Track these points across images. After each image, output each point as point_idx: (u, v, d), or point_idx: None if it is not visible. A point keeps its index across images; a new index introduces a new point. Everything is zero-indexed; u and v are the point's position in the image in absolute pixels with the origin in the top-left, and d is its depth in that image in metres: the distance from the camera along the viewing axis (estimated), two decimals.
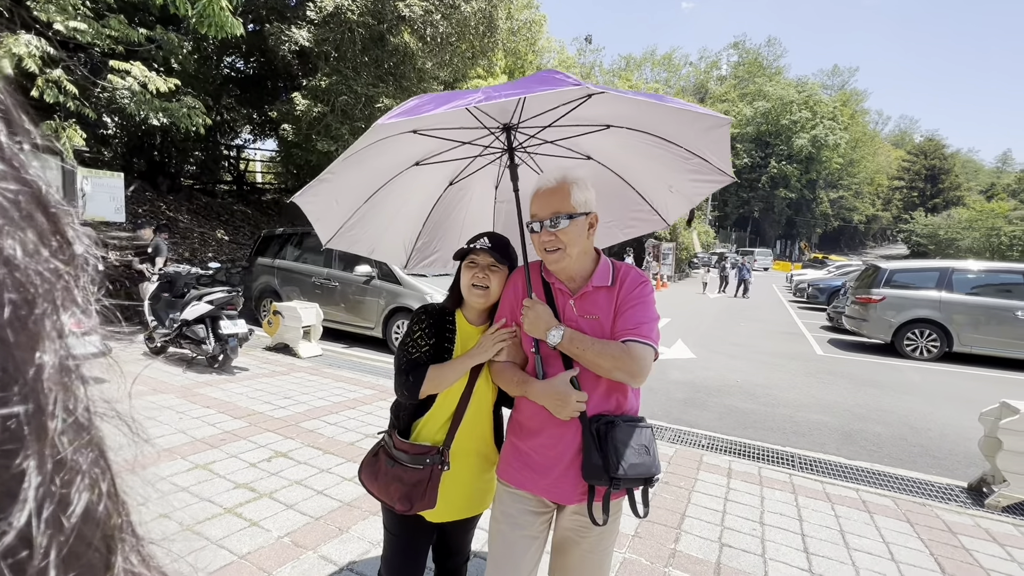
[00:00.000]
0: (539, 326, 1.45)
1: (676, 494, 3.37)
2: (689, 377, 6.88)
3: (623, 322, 1.44)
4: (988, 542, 3.00)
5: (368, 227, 1.96)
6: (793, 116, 53.02)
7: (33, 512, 0.13)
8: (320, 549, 2.53)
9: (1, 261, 0.14)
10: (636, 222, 2.09)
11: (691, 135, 1.66)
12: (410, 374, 1.54)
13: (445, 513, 1.62)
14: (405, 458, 1.56)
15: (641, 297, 1.48)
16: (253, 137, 16.86)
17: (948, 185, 61.69)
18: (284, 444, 3.80)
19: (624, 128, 1.70)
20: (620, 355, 1.38)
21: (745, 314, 14.73)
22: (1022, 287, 8.45)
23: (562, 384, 1.41)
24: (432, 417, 1.61)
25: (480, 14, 12.29)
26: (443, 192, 2.05)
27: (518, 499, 1.52)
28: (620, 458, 1.35)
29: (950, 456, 4.53)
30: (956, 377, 7.76)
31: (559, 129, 1.76)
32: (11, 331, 0.14)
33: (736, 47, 66.35)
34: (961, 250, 33.90)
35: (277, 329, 6.81)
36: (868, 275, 10.17)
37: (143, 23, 9.23)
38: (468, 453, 1.63)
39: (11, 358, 0.14)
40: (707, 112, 1.52)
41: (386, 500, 1.60)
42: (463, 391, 1.60)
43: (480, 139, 1.79)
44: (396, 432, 1.62)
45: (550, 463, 1.46)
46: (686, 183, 1.88)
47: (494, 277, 1.58)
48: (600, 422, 1.41)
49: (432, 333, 1.60)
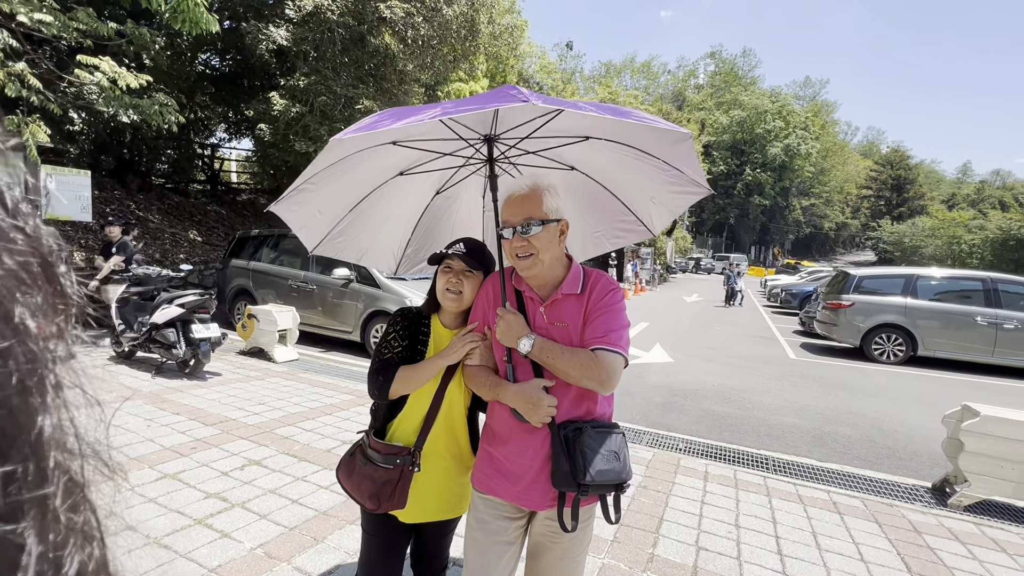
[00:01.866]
0: (511, 335, 1.46)
1: (654, 498, 3.41)
2: (667, 381, 6.97)
3: (592, 330, 1.45)
4: (951, 541, 3.11)
5: (356, 235, 1.98)
6: (767, 125, 54.53)
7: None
8: (295, 560, 2.47)
9: (11, 331, 0.13)
10: (623, 232, 2.10)
11: (663, 148, 1.69)
12: (381, 374, 1.57)
13: (418, 514, 1.64)
14: (377, 457, 1.60)
15: (610, 305, 1.48)
16: (228, 136, 16.48)
17: (913, 194, 64.18)
18: (258, 452, 3.71)
19: (603, 140, 1.71)
20: (589, 364, 1.39)
21: (721, 318, 15.01)
22: (981, 294, 8.83)
23: (534, 389, 1.42)
24: (405, 418, 1.64)
25: (462, 18, 12.29)
26: (431, 200, 2.07)
27: (491, 505, 1.53)
28: (588, 464, 1.36)
29: (915, 457, 4.69)
30: (921, 380, 8.05)
31: (539, 140, 1.77)
32: (17, 398, 0.13)
33: (713, 57, 67.85)
34: (925, 257, 35.27)
35: (252, 333, 6.65)
36: (838, 281, 10.49)
37: (113, 17, 8.96)
38: (441, 455, 1.65)
39: (15, 426, 0.13)
40: (667, 126, 1.51)
41: (357, 497, 1.63)
42: (435, 393, 1.62)
43: (461, 150, 1.81)
44: (372, 432, 1.66)
45: (520, 470, 1.47)
46: (667, 194, 1.90)
47: (467, 282, 1.61)
48: (568, 428, 1.42)
49: (406, 335, 1.64)
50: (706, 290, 25.74)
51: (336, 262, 7.38)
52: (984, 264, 29.94)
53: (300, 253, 7.98)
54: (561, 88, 32.46)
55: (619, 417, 5.16)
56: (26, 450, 0.13)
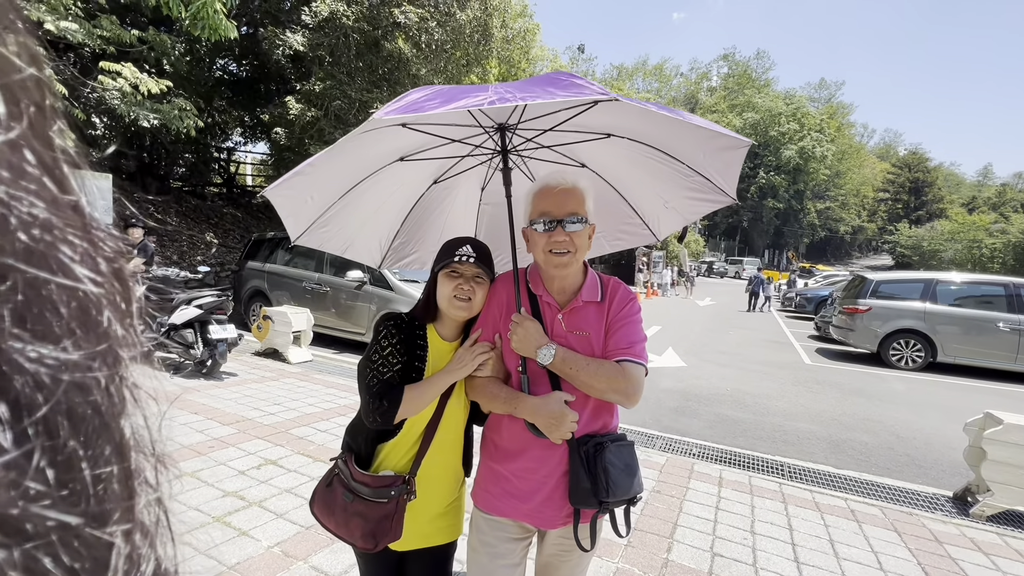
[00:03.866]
0: (528, 344, 1.36)
1: (668, 503, 3.38)
2: (680, 386, 6.91)
3: (616, 341, 1.39)
4: (973, 551, 3.05)
5: (343, 224, 1.83)
6: (781, 128, 54.02)
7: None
8: (311, 559, 2.50)
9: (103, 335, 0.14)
10: (625, 235, 2.03)
11: (699, 153, 1.61)
12: (384, 398, 1.35)
13: (412, 541, 1.47)
14: (367, 492, 1.39)
15: (631, 315, 1.43)
16: (244, 140, 16.76)
17: (931, 197, 63.09)
18: (274, 451, 3.76)
19: (625, 139, 1.66)
20: (616, 376, 1.33)
21: (734, 323, 14.87)
22: (1003, 299, 8.64)
23: (556, 403, 1.33)
24: (398, 442, 1.44)
25: (475, 22, 12.38)
26: (426, 190, 1.94)
27: (497, 527, 1.44)
28: (610, 481, 1.30)
29: (935, 466, 4.60)
30: (940, 387, 7.89)
31: (557, 134, 1.69)
32: (106, 402, 0.14)
33: (726, 59, 67.44)
34: (944, 261, 34.60)
35: (267, 334, 6.74)
36: (855, 286, 10.33)
37: (135, 24, 9.17)
38: (435, 477, 1.49)
39: (106, 430, 0.14)
40: (727, 132, 1.46)
41: (346, 537, 1.42)
42: (433, 412, 1.46)
43: (471, 137, 1.69)
44: (353, 459, 1.44)
45: (533, 487, 1.39)
46: (683, 200, 1.82)
47: (479, 289, 1.46)
48: (589, 444, 1.35)
49: (403, 349, 1.43)
50: (720, 294, 25.51)
51: (350, 265, 7.45)
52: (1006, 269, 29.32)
53: (314, 255, 8.07)
54: None
55: (631, 421, 5.18)
56: (113, 455, 0.14)
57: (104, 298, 0.14)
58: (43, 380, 0.11)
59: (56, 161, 0.15)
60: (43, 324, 0.12)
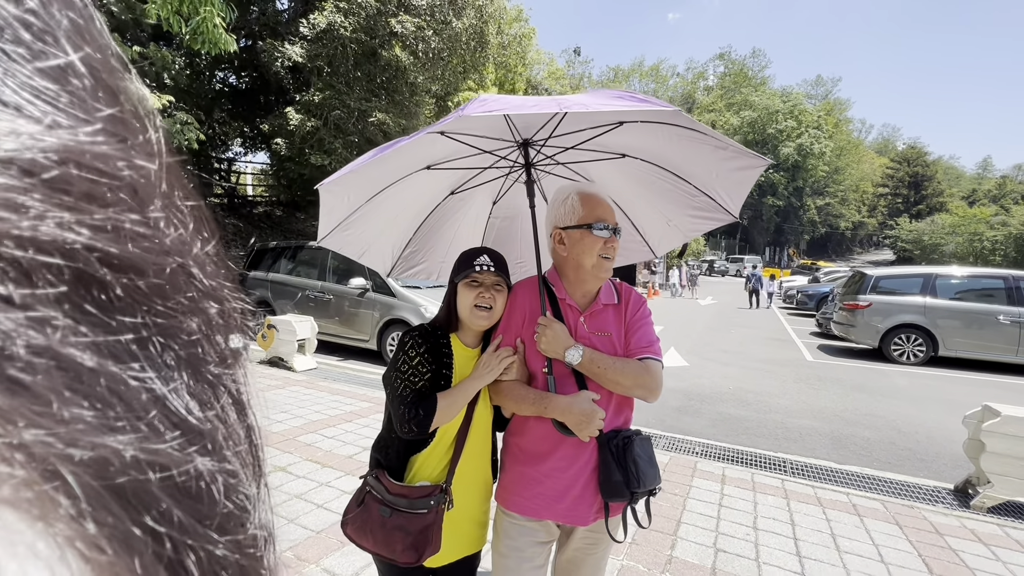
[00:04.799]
0: (556, 345, 1.41)
1: (672, 501, 3.43)
2: (683, 385, 6.96)
3: (637, 340, 1.47)
4: (974, 543, 3.09)
5: (363, 229, 1.88)
6: (779, 125, 54.12)
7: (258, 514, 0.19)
8: (322, 562, 2.56)
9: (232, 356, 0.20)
10: (624, 251, 2.07)
11: (711, 173, 1.66)
12: (419, 407, 1.37)
13: (448, 554, 1.46)
14: (405, 504, 1.38)
15: (646, 316, 1.53)
16: (245, 150, 16.89)
17: (931, 191, 63.06)
18: (282, 458, 3.82)
19: (638, 159, 1.71)
20: (641, 373, 1.41)
21: (736, 321, 14.90)
22: (1003, 292, 8.67)
23: (585, 402, 1.38)
24: (432, 451, 1.45)
25: (471, 30, 12.50)
26: (442, 200, 2.00)
27: (526, 531, 1.49)
28: (640, 472, 1.38)
29: (937, 459, 4.64)
30: (942, 381, 7.92)
31: (575, 152, 1.74)
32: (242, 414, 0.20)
33: (722, 58, 67.65)
34: (945, 255, 34.59)
35: (272, 343, 6.81)
36: (855, 281, 10.38)
37: (136, 40, 9.29)
38: (468, 484, 1.51)
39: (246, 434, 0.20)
40: (747, 152, 1.51)
41: (387, 555, 1.39)
42: (463, 418, 1.48)
43: (498, 150, 1.74)
44: (386, 474, 1.43)
45: (565, 486, 1.44)
46: (686, 218, 1.88)
47: (499, 297, 1.49)
48: (618, 438, 1.42)
49: (432, 359, 1.46)
50: (721, 293, 25.54)
51: (352, 272, 7.53)
52: (1008, 261, 29.28)
53: (317, 264, 8.15)
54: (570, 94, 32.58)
55: (634, 421, 5.20)
56: (250, 440, 0.20)
57: (235, 328, 0.20)
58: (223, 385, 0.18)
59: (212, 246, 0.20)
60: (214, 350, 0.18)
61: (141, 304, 0.14)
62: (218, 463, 0.16)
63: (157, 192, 0.16)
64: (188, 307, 0.16)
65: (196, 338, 0.17)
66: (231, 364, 0.20)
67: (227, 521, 0.16)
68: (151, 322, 0.15)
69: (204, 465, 0.15)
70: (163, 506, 0.14)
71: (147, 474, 0.13)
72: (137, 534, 0.13)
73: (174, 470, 0.14)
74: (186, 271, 0.17)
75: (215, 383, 0.18)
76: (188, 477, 0.15)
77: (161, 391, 0.15)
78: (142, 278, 0.14)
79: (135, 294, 0.14)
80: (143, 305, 0.14)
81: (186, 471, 0.15)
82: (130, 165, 0.15)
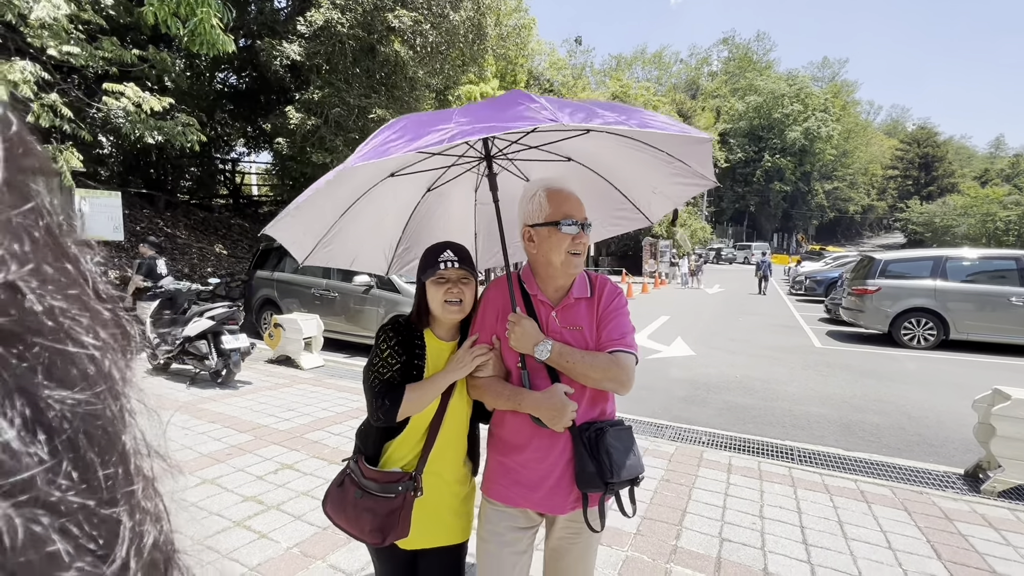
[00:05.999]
0: (526, 341, 1.43)
1: (677, 491, 3.43)
2: (689, 375, 6.93)
3: (608, 333, 1.47)
4: (984, 527, 3.06)
5: (346, 240, 1.92)
6: (785, 109, 53.38)
7: (128, 547, 0.19)
8: (329, 558, 2.59)
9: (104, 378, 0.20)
10: (620, 220, 2.11)
11: (673, 144, 1.69)
12: (386, 397, 1.44)
13: (420, 539, 1.53)
14: (375, 487, 1.47)
15: (620, 307, 1.51)
16: (247, 150, 16.96)
17: (942, 172, 62.01)
18: (290, 456, 3.86)
19: (604, 132, 1.70)
20: (609, 366, 1.41)
21: (744, 308, 14.80)
22: (1015, 273, 8.52)
23: (556, 395, 1.41)
24: (403, 439, 1.52)
25: (469, 23, 12.40)
26: (421, 199, 2.03)
27: (505, 517, 1.52)
28: (613, 463, 1.38)
29: (947, 444, 4.59)
30: (953, 364, 7.83)
31: (540, 134, 1.75)
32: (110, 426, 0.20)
33: (726, 43, 66.72)
34: (957, 237, 34.06)
35: (279, 341, 6.86)
36: (863, 266, 10.24)
37: (135, 43, 9.32)
38: (441, 474, 1.55)
39: (111, 445, 0.20)
40: (688, 134, 1.51)
41: (356, 533, 1.50)
42: (436, 410, 1.53)
43: (454, 148, 1.74)
44: (363, 459, 1.53)
45: (540, 476, 1.46)
46: (668, 184, 1.90)
47: (467, 289, 1.53)
48: (590, 430, 1.43)
49: (402, 350, 1.51)
50: (728, 280, 25.36)
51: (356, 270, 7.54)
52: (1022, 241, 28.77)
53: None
54: (572, 84, 32.36)
55: (639, 412, 5.22)
56: (117, 459, 0.20)
57: (105, 351, 0.20)
58: (66, 414, 0.17)
59: (67, 262, 0.19)
60: (63, 375, 0.17)
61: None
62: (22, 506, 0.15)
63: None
64: (18, 331, 0.16)
65: (30, 364, 0.16)
66: (105, 387, 0.19)
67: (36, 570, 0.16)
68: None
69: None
70: None
71: None
72: None
73: None
74: (13, 293, 0.16)
75: (65, 409, 0.17)
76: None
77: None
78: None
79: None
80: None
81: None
82: None
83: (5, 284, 0.16)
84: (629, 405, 5.19)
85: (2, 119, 0.18)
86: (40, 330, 0.17)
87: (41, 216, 0.18)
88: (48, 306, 0.17)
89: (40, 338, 0.17)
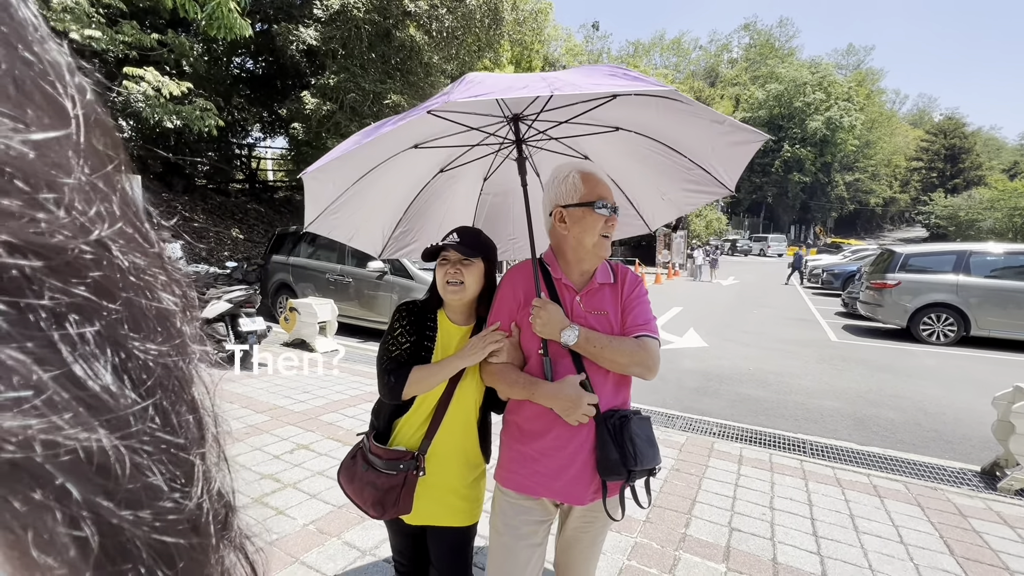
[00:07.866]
0: (552, 326, 1.40)
1: (687, 481, 3.44)
2: (701, 366, 6.90)
3: (634, 318, 1.47)
4: (999, 524, 3.02)
5: (352, 211, 1.88)
6: (807, 98, 51.95)
7: (203, 489, 0.21)
8: (344, 536, 2.65)
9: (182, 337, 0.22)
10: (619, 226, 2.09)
11: (707, 146, 1.63)
12: (392, 374, 1.47)
13: (424, 516, 1.56)
14: (379, 463, 1.52)
15: (642, 294, 1.53)
16: (264, 135, 17.06)
17: (969, 164, 60.13)
18: (305, 436, 3.94)
19: (632, 132, 1.68)
20: (637, 351, 1.41)
21: (758, 301, 14.63)
22: None
23: (572, 388, 1.38)
24: (409, 418, 1.56)
25: (485, 7, 12.25)
26: (432, 179, 1.99)
27: (521, 510, 1.49)
28: (637, 451, 1.37)
29: (964, 441, 4.53)
30: (973, 361, 7.67)
31: (568, 126, 1.71)
32: (182, 375, 0.21)
33: (747, 29, 65.07)
34: (983, 231, 33.08)
35: (294, 325, 6.97)
36: (883, 260, 10.04)
37: (154, 27, 9.39)
38: (447, 457, 1.56)
39: (193, 404, 0.22)
40: (745, 128, 1.49)
41: (360, 503, 1.56)
42: (442, 393, 1.54)
43: (487, 126, 1.72)
44: (374, 435, 1.58)
45: (562, 464, 1.43)
46: (680, 192, 1.87)
47: (467, 272, 1.53)
48: (615, 417, 1.42)
49: (413, 330, 1.55)
50: (743, 272, 25.05)
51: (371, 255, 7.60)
52: None
53: (336, 247, 8.25)
54: None
55: (652, 402, 5.22)
56: (188, 410, 0.21)
57: (177, 312, 0.22)
58: (149, 363, 0.19)
59: (145, 225, 0.21)
60: (146, 329, 0.19)
61: (45, 285, 0.15)
62: (127, 439, 0.17)
63: (66, 167, 0.16)
64: (108, 285, 0.17)
65: (119, 316, 0.17)
66: (178, 342, 0.21)
67: (141, 496, 0.17)
68: (61, 301, 0.15)
69: (108, 440, 0.16)
70: (56, 481, 0.14)
71: (33, 449, 0.13)
72: (21, 510, 0.13)
73: (66, 445, 0.14)
74: (104, 249, 0.17)
75: (148, 359, 0.19)
76: (87, 452, 0.15)
77: (71, 367, 0.15)
78: (42, 260, 0.15)
79: (39, 275, 0.14)
80: (48, 286, 0.15)
81: (82, 447, 0.15)
82: (25, 142, 0.14)
83: (98, 241, 0.17)
84: (641, 395, 5.19)
85: (79, 87, 0.18)
86: (126, 285, 0.18)
87: (119, 179, 0.19)
88: (133, 263, 0.19)
89: (126, 292, 0.18)
